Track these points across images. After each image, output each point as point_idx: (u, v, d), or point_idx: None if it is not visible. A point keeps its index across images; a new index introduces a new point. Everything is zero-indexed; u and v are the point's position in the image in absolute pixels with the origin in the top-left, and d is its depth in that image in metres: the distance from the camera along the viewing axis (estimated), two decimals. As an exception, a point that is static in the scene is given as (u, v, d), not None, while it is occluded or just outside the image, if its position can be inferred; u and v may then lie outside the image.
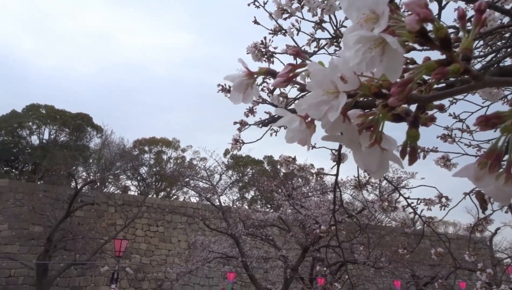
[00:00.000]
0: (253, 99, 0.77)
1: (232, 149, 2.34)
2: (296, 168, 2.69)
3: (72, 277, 22.94)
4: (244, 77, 0.67)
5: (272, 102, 2.38)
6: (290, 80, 0.62)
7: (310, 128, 0.56)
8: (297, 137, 0.56)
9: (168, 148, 42.72)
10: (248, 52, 2.46)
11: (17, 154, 37.74)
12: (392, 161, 0.54)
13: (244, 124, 2.45)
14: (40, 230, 20.81)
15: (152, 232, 27.21)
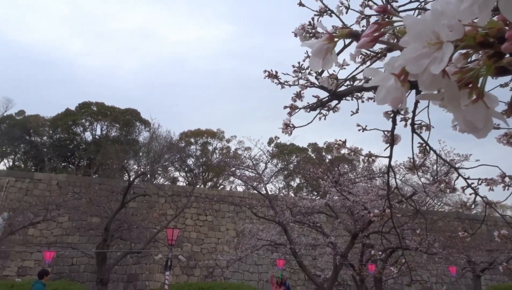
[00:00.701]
0: (332, 65, 0.74)
1: (283, 133, 2.31)
2: (347, 152, 2.62)
3: (128, 265, 24.10)
4: (325, 42, 0.64)
5: (322, 85, 2.32)
6: (376, 40, 0.59)
7: (405, 86, 0.52)
8: (391, 96, 0.52)
9: (213, 139, 43.49)
10: (295, 34, 2.41)
11: (73, 150, 39.93)
12: (495, 118, 0.50)
13: (294, 108, 2.41)
14: (97, 221, 21.95)
15: (201, 221, 27.93)
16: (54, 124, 39.02)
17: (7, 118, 40.03)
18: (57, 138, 39.35)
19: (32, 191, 26.05)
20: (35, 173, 28.62)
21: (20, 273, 22.12)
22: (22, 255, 22.58)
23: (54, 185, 26.60)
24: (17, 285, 11.50)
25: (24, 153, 40.30)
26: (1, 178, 25.90)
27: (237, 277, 25.18)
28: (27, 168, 38.14)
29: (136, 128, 41.71)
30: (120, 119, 40.22)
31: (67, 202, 19.22)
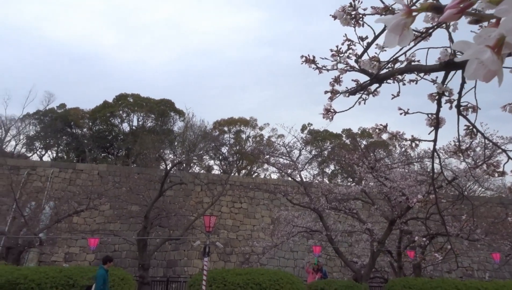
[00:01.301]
0: (409, 42, 0.71)
1: (324, 119, 2.28)
2: (388, 136, 2.56)
3: (167, 252, 24.84)
4: (402, 16, 0.61)
5: (363, 68, 2.27)
6: (463, 11, 0.56)
7: (500, 58, 0.50)
8: (484, 70, 0.50)
9: (246, 127, 43.67)
10: (335, 17, 2.36)
11: (111, 140, 41.23)
12: None
13: (335, 93, 2.37)
14: (136, 209, 22.69)
15: (236, 209, 28.30)
16: (93, 116, 40.38)
17: (50, 112, 41.77)
18: (97, 129, 40.71)
19: (75, 181, 27.20)
20: (77, 164, 29.83)
21: (66, 259, 23.28)
22: (68, 242, 23.72)
23: (95, 175, 27.65)
24: (65, 270, 12.11)
25: (66, 145, 42.00)
26: (46, 169, 27.17)
27: (273, 263, 25.41)
28: (70, 159, 39.77)
29: (170, 118, 42.50)
30: (155, 109, 41.06)
31: (108, 191, 19.93)
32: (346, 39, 2.40)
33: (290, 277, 13.02)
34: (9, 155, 35.45)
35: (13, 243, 14.56)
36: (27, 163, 28.12)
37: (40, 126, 41.05)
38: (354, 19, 2.19)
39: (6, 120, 38.94)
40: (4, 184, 25.17)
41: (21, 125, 40.17)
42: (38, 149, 41.86)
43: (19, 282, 11.09)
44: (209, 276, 12.05)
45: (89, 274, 11.89)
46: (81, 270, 12.18)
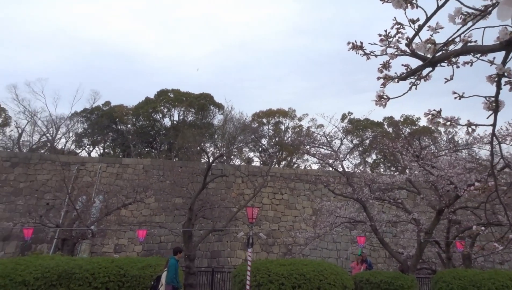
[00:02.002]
0: None
1: (377, 106, 2.22)
2: (442, 121, 2.46)
3: (211, 243, 25.36)
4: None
5: (416, 52, 2.19)
6: None
7: None
8: None
9: (285, 118, 43.52)
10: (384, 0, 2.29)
11: (154, 135, 42.42)
12: None
13: (388, 79, 2.30)
14: (180, 201, 23.28)
15: (277, 200, 28.39)
16: (136, 112, 41.66)
17: (96, 109, 43.51)
18: (140, 125, 42.00)
19: (121, 175, 28.26)
20: (123, 159, 30.95)
21: (116, 250, 24.33)
22: (117, 234, 24.76)
23: (140, 169, 28.61)
24: (116, 261, 12.65)
25: (112, 141, 43.66)
26: (95, 165, 28.41)
27: (316, 254, 25.34)
28: (116, 154, 41.34)
29: (210, 112, 43.07)
30: (195, 104, 41.74)
31: (153, 184, 20.56)
32: (395, 22, 2.32)
33: (335, 268, 12.92)
34: (60, 152, 37.35)
35: (68, 235, 15.38)
36: (77, 159, 29.50)
37: (87, 124, 42.90)
38: (406, 1, 2.11)
39: (56, 119, 40.98)
40: (57, 180, 26.60)
41: (70, 123, 42.18)
42: (87, 146, 43.84)
43: (75, 272, 11.71)
44: (253, 267, 12.18)
45: (138, 265, 12.36)
46: (131, 261, 12.67)
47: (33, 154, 30.29)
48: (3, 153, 29.42)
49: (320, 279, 12.02)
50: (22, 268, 11.64)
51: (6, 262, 12.06)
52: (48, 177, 27.01)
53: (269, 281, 11.86)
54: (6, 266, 11.57)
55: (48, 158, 28.31)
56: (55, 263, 11.87)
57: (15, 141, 38.94)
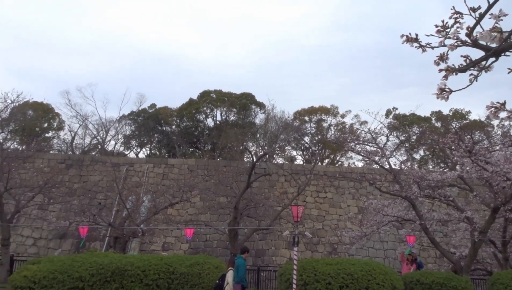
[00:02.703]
0: None
1: (439, 99, 2.12)
2: (507, 114, 2.31)
3: (255, 241, 25.48)
4: None
5: (479, 41, 2.07)
6: None
7: None
8: None
9: (327, 115, 42.95)
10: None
11: (198, 136, 43.29)
12: None
13: (451, 70, 2.19)
14: (224, 200, 23.58)
15: (321, 198, 28.06)
16: (180, 113, 42.67)
17: (142, 112, 45.03)
18: (184, 126, 42.99)
19: (167, 175, 29.05)
20: (169, 159, 31.80)
21: (164, 248, 25.04)
22: (164, 232, 25.46)
23: (185, 169, 29.27)
24: (165, 259, 13.02)
25: (158, 142, 45.02)
26: (142, 165, 29.39)
27: (362, 253, 24.81)
28: (162, 155, 42.57)
29: (252, 111, 43.34)
30: (237, 103, 42.14)
31: (198, 184, 20.96)
32: (454, 12, 2.21)
33: (383, 268, 12.59)
34: (110, 153, 39.00)
35: (120, 234, 16.02)
36: (125, 160, 30.65)
37: (134, 126, 44.50)
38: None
39: (106, 122, 42.83)
40: (108, 180, 27.79)
41: (118, 126, 43.93)
42: (134, 147, 45.48)
43: (127, 269, 12.16)
44: (299, 266, 12.11)
45: (186, 262, 12.64)
46: (179, 258, 12.97)
47: (85, 156, 31.80)
48: (58, 156, 31.11)
49: (368, 279, 11.75)
50: (79, 264, 12.23)
51: (63, 259, 12.73)
52: (100, 177, 28.25)
53: (316, 280, 11.73)
54: (64, 262, 12.21)
55: (99, 160, 29.62)
56: (109, 260, 12.37)
57: (68, 144, 41.08)
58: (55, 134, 42.71)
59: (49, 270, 11.90)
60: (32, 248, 24.38)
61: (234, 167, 25.90)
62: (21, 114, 33.63)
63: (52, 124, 42.24)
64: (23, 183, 15.57)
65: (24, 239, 24.81)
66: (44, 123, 41.05)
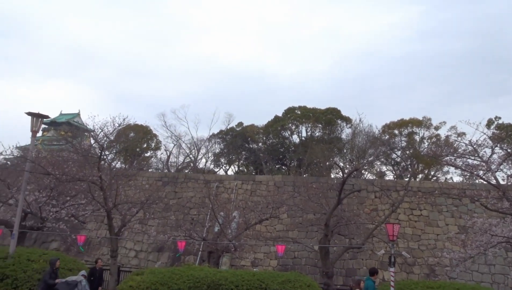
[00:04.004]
0: None
1: None
2: None
3: (345, 260, 24.64)
4: None
5: None
6: None
7: None
8: None
9: (419, 128, 40.56)
10: None
11: (284, 152, 43.69)
12: None
13: None
14: (311, 217, 23.27)
15: (415, 216, 26.33)
16: (266, 130, 43.52)
17: (230, 131, 46.80)
18: (270, 143, 43.73)
19: (255, 191, 29.62)
20: (256, 176, 32.44)
21: (253, 263, 25.36)
22: (253, 248, 25.85)
23: (272, 185, 29.60)
24: (258, 274, 13.17)
25: (245, 159, 46.29)
26: (231, 182, 30.36)
27: (465, 277, 22.66)
28: (249, 172, 43.61)
29: (337, 126, 42.69)
30: (322, 119, 41.85)
31: (286, 200, 21.02)
32: None
33: (494, 295, 11.37)
34: (201, 171, 40.97)
35: (213, 248, 16.61)
36: (215, 177, 31.94)
37: (223, 144, 46.37)
38: None
39: (197, 141, 45.26)
40: (200, 196, 29.17)
41: (208, 144, 46.16)
42: (224, 164, 47.26)
43: (221, 283, 12.53)
44: (396, 288, 11.46)
45: (278, 279, 12.65)
46: (271, 275, 13.04)
47: (179, 173, 33.79)
48: (156, 174, 33.47)
49: (477, 306, 10.70)
50: (177, 277, 12.91)
51: (164, 271, 13.54)
52: (193, 194, 29.77)
53: (416, 304, 10.99)
54: (164, 275, 12.98)
55: (192, 177, 31.27)
56: (204, 274, 12.88)
57: (164, 163, 44.05)
58: (153, 153, 46.24)
59: (151, 281, 12.73)
60: (134, 260, 26.33)
61: (322, 183, 25.56)
62: (124, 136, 36.94)
63: (150, 145, 45.84)
64: (128, 200, 16.98)
65: (127, 251, 26.92)
66: (144, 144, 44.67)
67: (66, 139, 31.99)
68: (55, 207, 17.69)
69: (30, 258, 13.10)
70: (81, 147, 17.18)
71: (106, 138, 14.74)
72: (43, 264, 12.94)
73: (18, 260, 12.90)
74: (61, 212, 17.93)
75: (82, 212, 19.66)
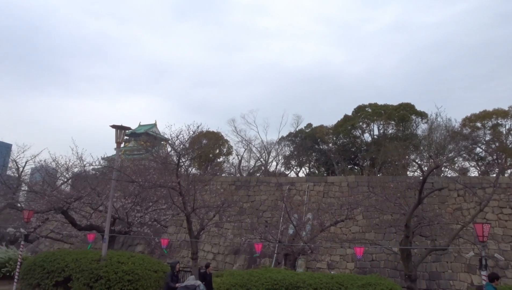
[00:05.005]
0: None
1: None
2: None
3: (427, 263, 23.30)
4: None
5: None
6: None
7: None
8: None
9: (505, 119, 37.25)
10: None
11: (355, 152, 42.67)
12: None
13: None
14: (388, 218, 22.33)
15: (505, 215, 24.19)
16: (336, 130, 42.83)
17: (299, 132, 46.74)
18: (340, 143, 42.99)
19: (327, 193, 29.20)
20: (328, 177, 31.97)
21: (329, 266, 24.97)
22: (329, 251, 25.44)
23: (344, 186, 28.97)
24: (336, 277, 12.96)
25: (316, 161, 45.93)
26: (303, 184, 30.23)
27: None
28: (320, 173, 43.15)
29: (412, 122, 40.80)
30: (394, 115, 40.31)
31: (362, 201, 20.46)
32: None
33: None
34: (272, 174, 41.36)
35: (289, 251, 16.64)
36: (286, 180, 32.01)
37: (293, 146, 46.42)
38: None
39: (267, 145, 45.79)
40: (272, 199, 29.42)
41: (278, 147, 46.47)
42: (294, 167, 47.29)
43: (299, 285, 12.51)
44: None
45: (358, 282, 12.34)
46: (350, 278, 12.77)
47: (251, 177, 34.42)
48: (229, 178, 34.37)
49: None
50: (255, 279, 13.13)
51: (242, 273, 13.86)
52: (265, 197, 30.12)
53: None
54: (243, 276, 13.28)
55: (263, 180, 31.67)
56: (282, 276, 12.96)
57: (236, 167, 45.11)
58: (225, 158, 47.58)
59: (230, 283, 13.09)
60: (212, 262, 27.21)
61: (399, 183, 24.53)
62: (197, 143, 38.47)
63: (222, 150, 47.24)
64: (205, 204, 17.64)
65: (206, 254, 27.90)
66: (216, 149, 46.14)
67: (145, 148, 34.13)
68: (139, 212, 18.89)
69: (120, 260, 14.07)
70: (159, 155, 18.17)
71: (182, 145, 15.44)
72: (132, 266, 13.85)
73: (110, 262, 13.91)
74: (145, 217, 19.09)
75: (163, 216, 20.77)
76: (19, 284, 14.98)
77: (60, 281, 14.05)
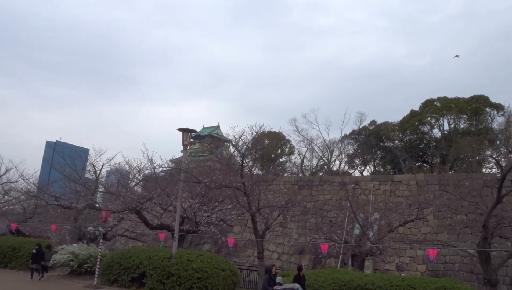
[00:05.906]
0: None
1: None
2: None
3: (509, 266, 21.58)
4: None
5: None
6: None
7: None
8: None
9: None
10: None
11: (424, 149, 40.72)
12: None
13: None
14: (463, 218, 20.94)
15: None
16: (402, 127, 41.14)
17: (363, 130, 45.51)
18: (407, 139, 41.25)
19: (394, 192, 28.11)
20: (395, 175, 30.76)
21: (399, 267, 24.00)
22: (397, 252, 24.48)
23: (413, 185, 27.70)
24: (407, 280, 12.45)
25: (381, 159, 44.47)
26: (368, 183, 29.38)
27: None
28: (386, 172, 41.66)
29: (486, 115, 38.11)
30: (466, 109, 37.93)
31: (433, 200, 19.44)
32: None
33: None
34: (335, 173, 40.68)
35: (357, 251, 16.27)
36: (351, 179, 31.31)
37: (356, 144, 45.34)
38: None
39: (330, 143, 45.15)
40: (336, 199, 28.92)
41: (341, 146, 45.66)
42: (358, 165, 46.17)
43: (368, 287, 12.20)
44: None
45: (431, 286, 11.76)
46: (423, 281, 12.25)
47: (314, 177, 34.08)
48: (292, 178, 34.33)
49: None
50: (322, 280, 13.01)
51: (308, 273, 13.80)
52: (329, 196, 29.69)
53: None
54: (309, 277, 13.23)
55: (326, 180, 31.24)
56: (350, 278, 12.72)
57: (298, 167, 44.95)
58: (287, 158, 47.60)
59: (297, 283, 13.07)
60: (277, 261, 27.33)
61: (475, 180, 23.01)
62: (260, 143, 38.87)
63: (284, 150, 47.28)
64: (269, 204, 17.76)
65: (271, 253, 28.11)
66: (278, 149, 46.28)
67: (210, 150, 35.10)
68: (206, 212, 19.48)
69: (189, 258, 14.64)
70: (223, 157, 18.61)
71: (246, 146, 15.69)
72: (200, 264, 14.33)
73: (180, 260, 14.52)
74: (211, 217, 19.66)
75: (229, 216, 21.23)
76: (99, 279, 16.10)
77: (136, 277, 14.92)
